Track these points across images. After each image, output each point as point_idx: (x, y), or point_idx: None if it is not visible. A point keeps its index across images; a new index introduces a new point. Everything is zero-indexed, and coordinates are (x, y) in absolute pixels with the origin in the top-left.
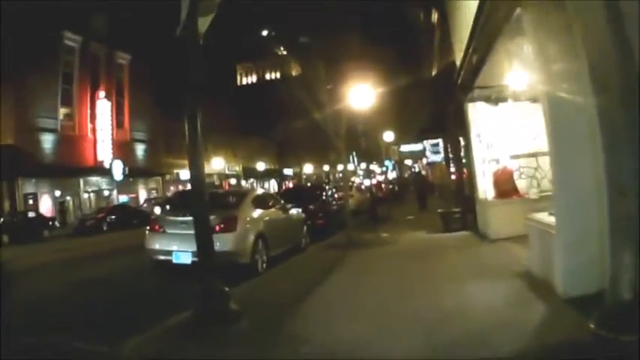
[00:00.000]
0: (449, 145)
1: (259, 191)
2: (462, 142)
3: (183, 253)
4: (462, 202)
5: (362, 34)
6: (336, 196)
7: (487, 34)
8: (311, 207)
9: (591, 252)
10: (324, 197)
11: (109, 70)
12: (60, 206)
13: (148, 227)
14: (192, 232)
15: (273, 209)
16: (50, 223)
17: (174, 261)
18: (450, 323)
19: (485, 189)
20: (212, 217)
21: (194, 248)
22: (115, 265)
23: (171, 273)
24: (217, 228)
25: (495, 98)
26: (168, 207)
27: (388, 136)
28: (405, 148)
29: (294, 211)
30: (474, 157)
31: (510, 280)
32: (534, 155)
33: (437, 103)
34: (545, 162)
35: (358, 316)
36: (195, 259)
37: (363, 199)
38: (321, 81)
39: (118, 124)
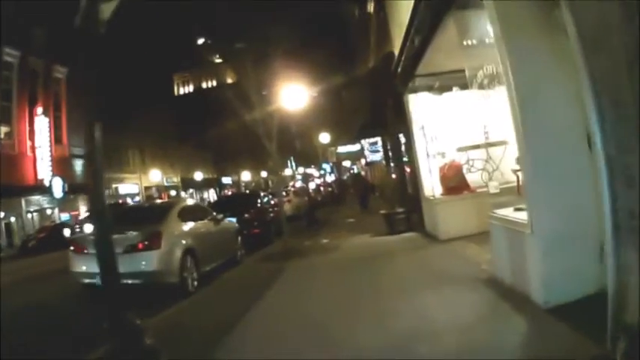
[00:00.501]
0: (388, 143)
1: (187, 202)
2: (403, 139)
3: None
4: (406, 202)
5: (296, 36)
6: (272, 202)
7: (433, 7)
8: (246, 216)
9: (573, 253)
10: (259, 205)
11: (46, 85)
12: (5, 227)
13: (70, 248)
14: (117, 250)
15: (202, 221)
16: None
17: (99, 283)
18: (412, 351)
19: (432, 186)
20: (134, 234)
21: (120, 269)
22: (42, 290)
23: (97, 298)
24: (140, 246)
25: (439, 87)
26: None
27: (324, 137)
28: (342, 149)
29: (226, 222)
30: (418, 152)
31: (475, 289)
32: (484, 146)
33: (374, 98)
34: (497, 154)
35: (298, 343)
36: (122, 280)
37: (301, 204)
38: (255, 86)
39: (57, 139)
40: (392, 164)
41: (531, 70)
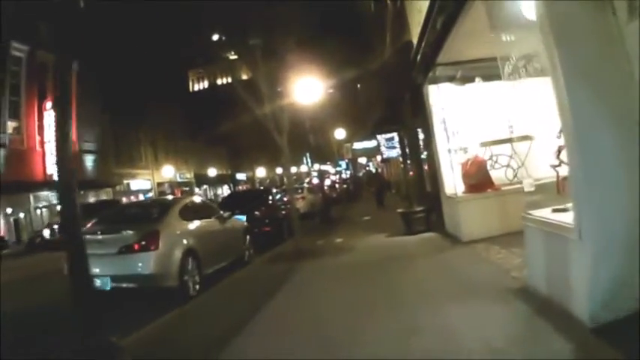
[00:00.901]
0: (405, 139)
1: (189, 199)
2: (421, 134)
3: (100, 278)
4: (425, 200)
5: (310, 30)
6: (285, 199)
7: None
8: (256, 213)
9: (628, 262)
10: (270, 202)
11: (56, 79)
12: (13, 224)
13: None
14: (111, 251)
15: (206, 220)
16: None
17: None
18: None
19: (454, 183)
20: (130, 233)
21: (113, 271)
22: (39, 291)
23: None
24: (136, 246)
25: (461, 77)
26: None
27: (340, 133)
28: (358, 145)
29: (234, 220)
30: (438, 147)
31: (506, 301)
32: (509, 141)
33: (391, 92)
34: (521, 149)
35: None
36: (115, 284)
37: (316, 201)
38: (268, 81)
39: None
40: (409, 161)
41: (581, 54)
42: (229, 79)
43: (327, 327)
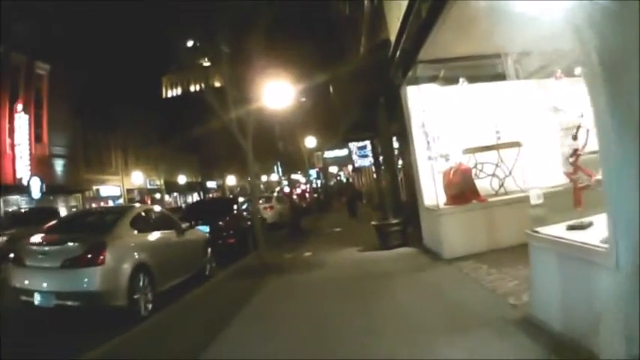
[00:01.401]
0: (379, 146)
1: (143, 208)
2: (397, 141)
3: (42, 294)
4: (400, 212)
5: (282, 33)
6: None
7: None
8: (220, 223)
9: None
10: (235, 211)
11: (28, 82)
12: None
13: (11, 257)
14: (55, 264)
15: (162, 231)
16: None
17: (36, 303)
18: None
19: (434, 194)
20: (74, 245)
21: (57, 287)
22: None
23: (36, 319)
24: (80, 260)
25: (444, 78)
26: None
27: (311, 141)
28: (329, 154)
29: (194, 232)
30: (417, 154)
31: (508, 337)
32: (495, 148)
33: (365, 95)
34: (510, 156)
35: None
36: (60, 301)
37: (285, 211)
38: (238, 86)
39: (37, 138)
40: (382, 169)
41: (623, 53)
42: (203, 86)
43: None
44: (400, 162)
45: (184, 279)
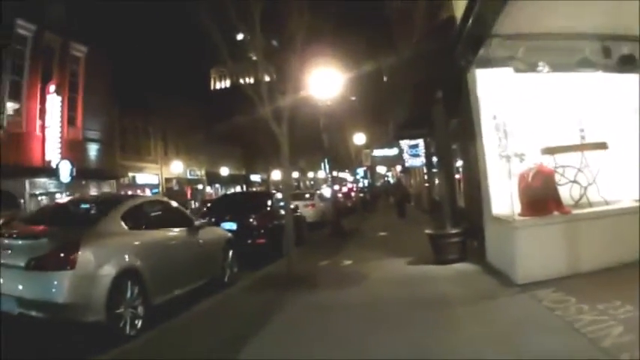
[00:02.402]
0: (434, 145)
1: (145, 199)
2: (454, 140)
3: (5, 299)
4: (458, 220)
5: (332, 21)
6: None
7: None
8: (250, 220)
9: None
10: (269, 207)
11: (62, 63)
12: None
13: None
14: (19, 264)
15: (167, 229)
16: None
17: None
18: None
19: (506, 200)
20: (40, 242)
21: (20, 292)
22: None
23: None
24: (47, 262)
25: (524, 60)
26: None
27: (359, 138)
28: (378, 152)
29: (212, 230)
30: (485, 152)
31: None
32: (579, 149)
33: (420, 88)
34: (594, 160)
35: None
36: (23, 310)
37: (328, 210)
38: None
39: (70, 121)
40: (437, 170)
41: None
42: (251, 79)
43: None
44: (459, 163)
45: (194, 287)
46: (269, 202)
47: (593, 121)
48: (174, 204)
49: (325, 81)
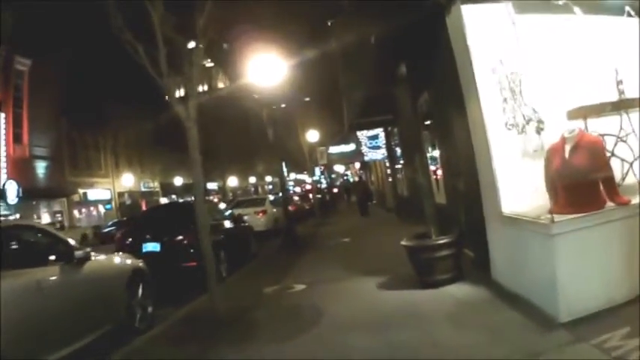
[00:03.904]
0: (399, 131)
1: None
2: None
3: None
4: (444, 222)
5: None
6: (235, 214)
7: None
8: (179, 239)
9: None
10: None
11: (6, 78)
12: None
13: None
14: None
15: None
16: None
17: None
18: None
19: (522, 190)
20: None
21: None
22: None
23: None
24: None
25: None
26: None
27: (313, 135)
28: (334, 149)
29: (107, 261)
30: (485, 121)
31: None
32: (619, 108)
33: (377, 62)
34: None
35: None
36: None
37: (281, 216)
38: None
39: (16, 138)
40: (402, 162)
41: None
42: (206, 87)
43: None
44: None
45: (85, 342)
46: None
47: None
48: (48, 229)
49: (264, 66)
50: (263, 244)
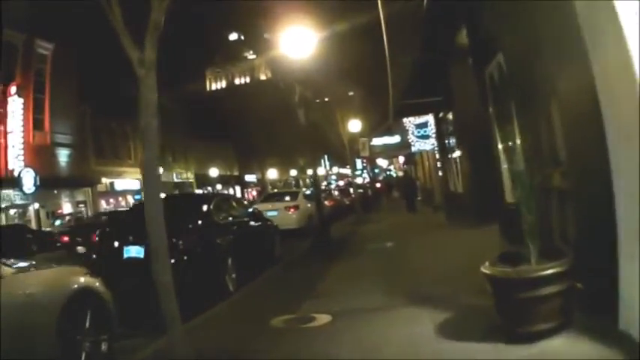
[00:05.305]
0: (456, 113)
1: None
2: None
3: None
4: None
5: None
6: (249, 210)
7: None
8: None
9: None
10: (202, 219)
11: (27, 62)
12: None
13: None
14: None
15: None
16: None
17: None
18: None
19: None
20: None
21: None
22: None
23: None
24: None
25: None
26: None
27: (354, 125)
28: (377, 141)
29: (51, 274)
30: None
31: None
32: None
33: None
34: None
35: None
36: None
37: (313, 213)
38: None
39: (37, 125)
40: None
41: None
42: (247, 79)
43: None
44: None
45: None
46: (204, 210)
47: None
48: None
49: (302, 42)
50: (293, 245)
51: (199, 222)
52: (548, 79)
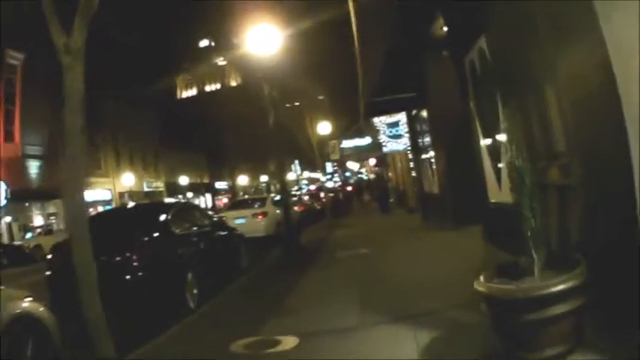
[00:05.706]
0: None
1: None
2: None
3: None
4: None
5: None
6: (213, 219)
7: None
8: (120, 259)
9: None
10: (159, 232)
11: None
12: None
13: None
14: None
15: None
16: None
17: None
18: None
19: None
20: None
21: None
22: None
23: None
24: None
25: None
26: None
27: (324, 127)
28: (347, 143)
29: None
30: None
31: None
32: None
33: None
34: None
35: None
36: None
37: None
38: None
39: (7, 136)
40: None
41: None
42: (218, 86)
43: None
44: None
45: None
46: (161, 221)
47: None
48: None
49: (267, 39)
50: (262, 253)
51: (155, 234)
52: (544, 61)
